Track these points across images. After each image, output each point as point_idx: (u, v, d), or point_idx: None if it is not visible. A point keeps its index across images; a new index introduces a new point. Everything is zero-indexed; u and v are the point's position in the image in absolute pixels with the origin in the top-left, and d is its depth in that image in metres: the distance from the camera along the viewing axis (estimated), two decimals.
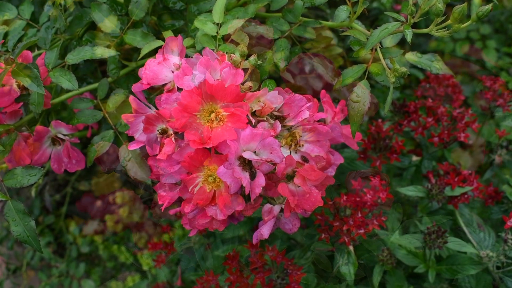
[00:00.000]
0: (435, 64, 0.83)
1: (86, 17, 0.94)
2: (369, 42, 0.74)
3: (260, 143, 0.66)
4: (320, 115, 0.75)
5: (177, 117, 0.65)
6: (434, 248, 0.93)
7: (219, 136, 0.65)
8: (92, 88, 0.93)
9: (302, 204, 0.68)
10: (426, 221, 1.08)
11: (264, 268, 0.94)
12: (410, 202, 1.13)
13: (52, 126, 0.87)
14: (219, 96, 0.65)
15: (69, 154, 0.88)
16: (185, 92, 0.65)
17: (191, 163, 0.66)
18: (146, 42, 0.87)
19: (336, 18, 0.84)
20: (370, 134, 1.09)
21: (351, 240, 0.95)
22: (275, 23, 0.88)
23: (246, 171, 0.66)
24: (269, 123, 0.68)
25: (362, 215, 0.94)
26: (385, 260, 0.98)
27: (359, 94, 0.76)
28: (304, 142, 0.70)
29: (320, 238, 0.96)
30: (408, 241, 0.95)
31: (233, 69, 0.70)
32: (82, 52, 0.85)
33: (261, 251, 0.96)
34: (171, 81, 0.74)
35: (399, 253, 0.98)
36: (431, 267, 0.97)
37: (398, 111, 1.14)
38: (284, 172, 0.67)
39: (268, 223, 0.71)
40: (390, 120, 1.17)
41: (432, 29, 0.73)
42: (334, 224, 0.95)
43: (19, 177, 0.79)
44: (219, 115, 0.66)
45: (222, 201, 0.67)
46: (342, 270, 0.97)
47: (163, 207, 0.75)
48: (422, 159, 1.13)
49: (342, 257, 0.98)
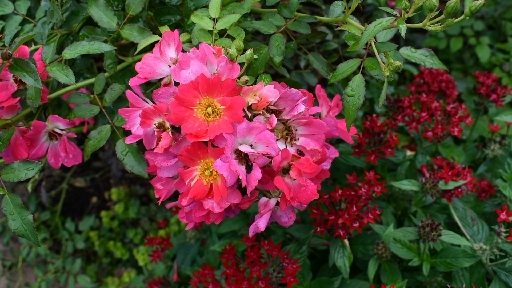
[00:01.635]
0: (429, 59, 0.84)
1: (82, 12, 0.94)
2: (364, 36, 0.74)
3: (256, 137, 0.66)
4: (315, 109, 0.76)
5: (174, 111, 0.65)
6: (428, 241, 0.93)
7: (215, 129, 0.65)
8: (89, 83, 0.93)
9: (298, 197, 0.69)
10: (420, 215, 1.09)
11: (260, 262, 0.94)
12: (405, 196, 1.14)
13: (49, 121, 0.87)
14: (215, 89, 0.66)
15: (66, 148, 0.88)
16: (182, 86, 0.66)
17: (188, 156, 0.67)
18: (143, 37, 0.88)
19: (331, 13, 0.84)
20: (365, 129, 1.10)
21: (346, 234, 0.96)
22: (271, 18, 0.88)
23: (243, 164, 0.67)
24: (265, 117, 0.69)
25: (357, 208, 0.95)
26: (380, 253, 0.98)
27: (354, 88, 0.77)
28: (300, 136, 0.71)
29: (315, 232, 0.97)
30: (403, 234, 0.96)
31: (229, 63, 0.70)
32: (79, 47, 0.85)
33: (257, 244, 0.96)
34: (168, 75, 0.74)
35: (393, 246, 0.99)
36: (426, 260, 0.97)
37: (393, 106, 1.15)
38: (280, 165, 0.68)
39: (264, 216, 0.72)
40: (385, 115, 1.18)
41: (426, 23, 0.74)
42: (329, 218, 0.96)
43: (17, 171, 0.79)
44: (216, 109, 0.66)
45: (218, 194, 0.67)
46: (338, 263, 0.98)
47: (159, 200, 0.75)
48: (416, 153, 1.14)
49: (337, 251, 0.99)
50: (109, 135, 0.88)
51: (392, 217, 1.09)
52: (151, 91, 0.81)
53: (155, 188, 0.75)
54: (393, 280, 0.99)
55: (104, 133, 0.87)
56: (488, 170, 1.22)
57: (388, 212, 1.10)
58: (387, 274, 1.00)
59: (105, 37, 0.92)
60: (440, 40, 1.81)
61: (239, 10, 0.86)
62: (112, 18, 0.90)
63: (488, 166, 1.20)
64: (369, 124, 1.09)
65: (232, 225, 1.18)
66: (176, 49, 0.76)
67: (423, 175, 1.07)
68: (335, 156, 0.80)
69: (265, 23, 0.87)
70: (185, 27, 0.91)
